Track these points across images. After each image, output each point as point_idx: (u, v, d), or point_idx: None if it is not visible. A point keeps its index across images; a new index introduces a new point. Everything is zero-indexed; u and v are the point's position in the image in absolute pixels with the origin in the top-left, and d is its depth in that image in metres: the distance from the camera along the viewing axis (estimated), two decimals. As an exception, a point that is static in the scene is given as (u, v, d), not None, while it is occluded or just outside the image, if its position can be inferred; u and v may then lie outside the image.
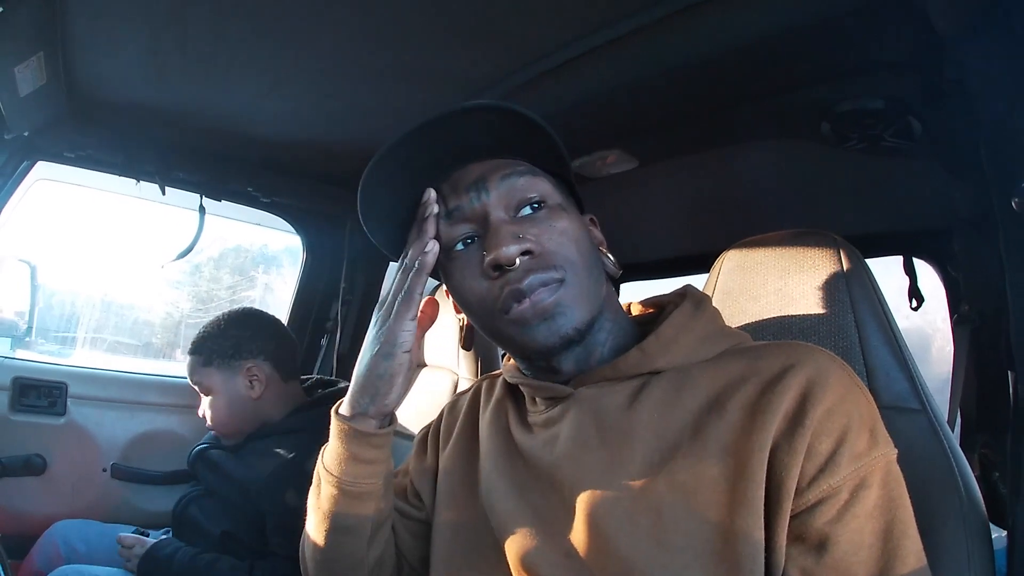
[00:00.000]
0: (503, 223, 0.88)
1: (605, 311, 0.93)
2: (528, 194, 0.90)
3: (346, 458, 0.94)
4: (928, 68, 1.21)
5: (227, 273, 4.93)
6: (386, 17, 1.32)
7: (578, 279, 0.87)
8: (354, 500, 0.95)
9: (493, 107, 0.87)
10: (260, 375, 1.96)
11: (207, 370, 1.95)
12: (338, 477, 0.94)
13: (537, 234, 0.87)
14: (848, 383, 0.80)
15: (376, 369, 0.90)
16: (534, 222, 0.89)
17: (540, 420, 0.96)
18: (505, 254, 0.84)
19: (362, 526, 0.97)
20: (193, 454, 2.04)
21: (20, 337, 2.76)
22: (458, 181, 0.92)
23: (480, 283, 0.89)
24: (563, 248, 0.87)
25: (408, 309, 0.90)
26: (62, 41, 1.44)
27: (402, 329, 0.89)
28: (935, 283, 1.88)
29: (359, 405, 0.93)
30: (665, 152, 1.68)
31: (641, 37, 1.29)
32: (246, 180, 2.26)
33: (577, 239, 0.89)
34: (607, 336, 0.94)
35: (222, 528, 1.80)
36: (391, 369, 0.90)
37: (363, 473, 0.94)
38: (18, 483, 2.09)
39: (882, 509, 0.74)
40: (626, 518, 0.79)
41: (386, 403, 0.92)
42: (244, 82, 1.66)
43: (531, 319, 0.85)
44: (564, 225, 0.89)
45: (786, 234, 1.24)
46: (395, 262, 0.99)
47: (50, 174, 2.10)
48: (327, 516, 0.96)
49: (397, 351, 0.89)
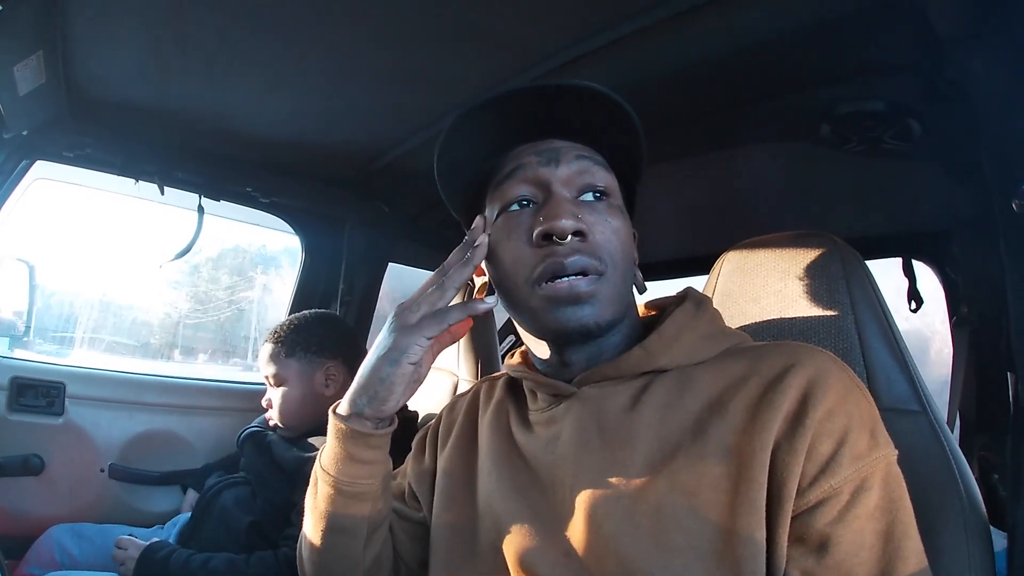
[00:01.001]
0: (566, 200, 0.88)
1: (626, 318, 0.94)
2: (595, 182, 0.90)
3: (343, 458, 0.93)
4: (928, 70, 1.21)
5: (226, 273, 4.92)
6: (386, 19, 1.32)
7: (616, 279, 0.87)
8: (350, 500, 0.95)
9: (595, 90, 0.86)
10: (337, 376, 1.98)
11: (288, 361, 1.95)
12: (335, 477, 0.94)
13: (592, 222, 0.87)
14: (849, 384, 0.80)
15: (379, 372, 0.89)
16: (592, 210, 0.88)
17: (542, 418, 0.96)
18: (561, 226, 0.84)
19: (358, 526, 0.97)
20: (244, 434, 2.04)
21: (18, 337, 2.76)
22: (534, 146, 0.92)
23: (523, 248, 0.88)
24: (611, 245, 0.87)
25: (430, 328, 0.88)
26: (62, 40, 1.44)
27: (415, 343, 0.88)
28: (935, 285, 1.88)
29: (356, 405, 0.92)
30: (665, 154, 1.68)
31: (641, 40, 1.30)
32: (245, 180, 2.25)
33: (624, 242, 0.90)
34: (620, 339, 0.94)
35: (251, 518, 1.80)
36: (393, 376, 0.89)
37: (360, 473, 0.94)
38: (16, 483, 2.08)
39: (883, 510, 0.74)
40: (627, 518, 0.79)
41: (383, 407, 0.91)
42: (244, 82, 1.66)
43: (563, 299, 0.85)
44: (618, 224, 0.89)
45: (786, 236, 1.24)
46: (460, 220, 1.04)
47: (49, 173, 2.09)
48: (323, 516, 0.97)
49: (403, 360, 0.88)
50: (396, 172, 2.15)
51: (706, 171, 1.82)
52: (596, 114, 0.88)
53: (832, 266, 1.16)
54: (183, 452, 2.41)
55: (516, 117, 0.91)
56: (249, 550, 1.71)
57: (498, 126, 0.92)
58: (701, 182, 1.91)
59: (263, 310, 4.89)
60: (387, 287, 2.79)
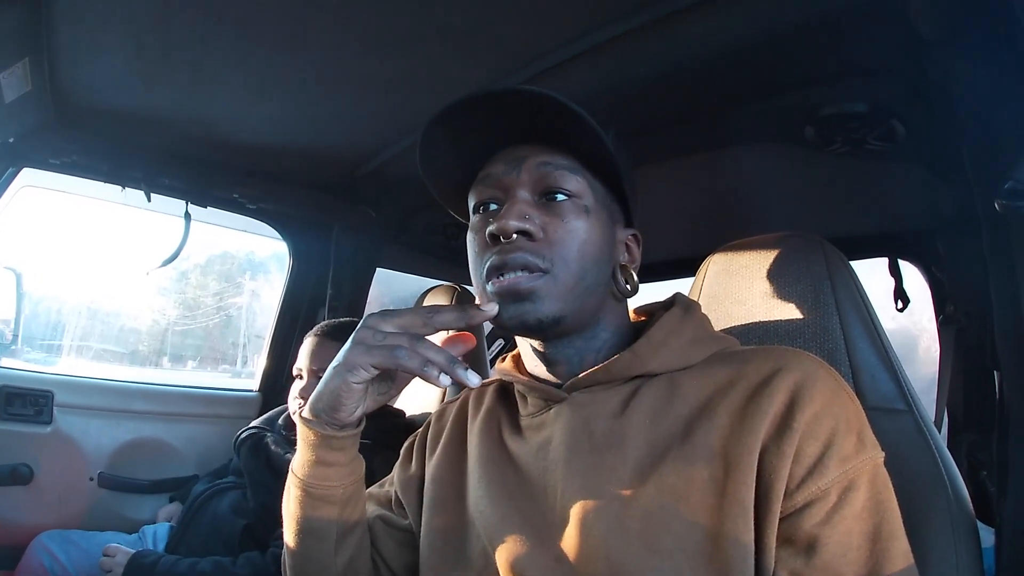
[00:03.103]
0: (521, 201, 0.89)
1: (601, 322, 0.94)
2: (558, 184, 0.90)
3: (309, 460, 0.93)
4: (910, 72, 1.22)
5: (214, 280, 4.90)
6: (374, 23, 1.32)
7: (566, 278, 0.87)
8: (317, 502, 0.95)
9: (544, 96, 0.86)
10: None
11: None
12: (301, 479, 0.94)
13: (547, 222, 0.88)
14: (835, 387, 0.80)
15: (330, 383, 0.88)
16: (550, 211, 0.89)
17: (532, 423, 0.96)
18: (501, 226, 0.86)
19: (327, 529, 0.97)
20: (242, 436, 2.03)
21: (6, 345, 2.74)
22: (504, 154, 0.94)
23: (480, 247, 0.91)
24: (563, 245, 0.87)
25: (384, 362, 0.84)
26: (47, 48, 1.44)
27: (362, 365, 0.84)
28: (921, 284, 1.89)
29: (315, 409, 0.91)
30: (650, 156, 1.69)
31: (625, 43, 1.30)
32: (232, 186, 2.25)
33: (585, 242, 0.89)
34: (602, 345, 0.95)
35: (245, 522, 1.80)
36: (339, 390, 0.86)
37: (326, 475, 0.94)
38: (4, 492, 2.07)
39: (870, 511, 0.74)
40: (616, 522, 0.80)
41: (336, 416, 0.89)
42: (230, 89, 1.66)
43: (505, 295, 0.86)
44: (577, 225, 0.89)
45: (771, 237, 1.25)
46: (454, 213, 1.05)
47: (36, 181, 2.09)
48: (294, 518, 0.97)
49: (348, 378, 0.85)
50: (382, 177, 2.15)
51: (691, 173, 1.83)
52: (557, 119, 0.88)
53: (817, 267, 1.17)
54: (172, 460, 2.41)
55: (482, 127, 0.92)
56: (241, 554, 1.71)
57: (471, 134, 0.93)
58: (687, 184, 1.91)
59: (252, 316, 4.88)
60: (375, 292, 2.79)
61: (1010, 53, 0.91)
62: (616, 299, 0.97)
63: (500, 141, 0.95)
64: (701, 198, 2.00)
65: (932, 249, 1.75)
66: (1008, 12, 0.89)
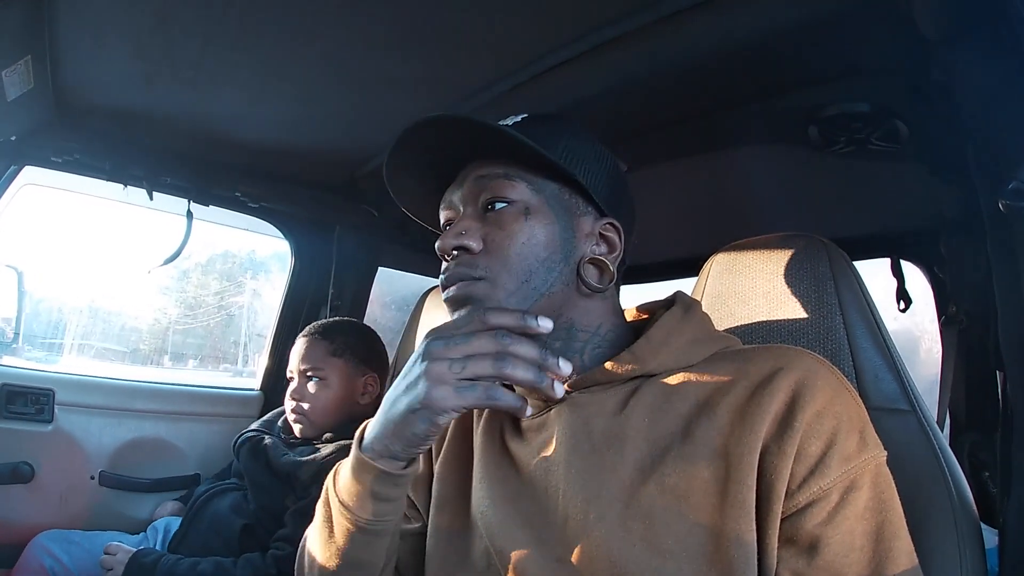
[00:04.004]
0: (465, 217, 0.95)
1: (575, 322, 0.95)
2: (495, 194, 0.93)
3: (366, 495, 0.87)
4: (913, 71, 1.21)
5: (215, 279, 4.89)
6: (374, 24, 1.32)
7: (505, 281, 0.89)
8: (371, 537, 0.90)
9: (448, 119, 0.90)
10: (374, 388, 2.02)
11: (334, 360, 1.97)
12: (355, 514, 0.88)
13: (487, 232, 0.92)
14: (837, 386, 0.80)
15: (412, 425, 0.81)
16: (491, 221, 0.92)
17: (533, 424, 0.96)
18: (440, 246, 0.94)
19: (376, 560, 0.93)
20: (241, 438, 2.03)
21: (7, 343, 2.75)
22: (460, 174, 0.99)
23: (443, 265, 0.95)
24: (502, 252, 0.90)
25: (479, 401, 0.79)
26: (49, 46, 1.44)
27: (454, 409, 0.79)
28: (924, 285, 1.89)
29: (388, 449, 0.85)
30: (653, 156, 1.69)
31: (628, 42, 1.30)
32: (234, 185, 2.24)
33: (525, 245, 0.90)
34: (583, 345, 0.95)
35: (244, 521, 1.80)
36: (426, 432, 0.81)
37: (384, 511, 0.89)
38: (5, 491, 2.06)
39: (872, 511, 0.74)
40: (618, 523, 0.80)
41: (417, 451, 0.86)
42: (231, 87, 1.66)
43: (450, 305, 0.93)
44: (515, 228, 0.90)
45: (774, 237, 1.25)
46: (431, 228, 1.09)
47: (37, 179, 2.09)
48: (340, 552, 0.91)
49: (439, 421, 0.80)
50: (383, 177, 2.14)
51: (694, 174, 1.83)
52: (489, 135, 0.90)
53: (820, 267, 1.16)
54: (174, 459, 2.40)
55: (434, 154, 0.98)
56: (241, 554, 1.71)
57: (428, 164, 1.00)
58: (689, 185, 1.91)
59: (253, 315, 4.87)
60: (377, 292, 2.78)
61: (1014, 52, 0.91)
62: (585, 295, 0.95)
63: (456, 162, 0.99)
64: (703, 198, 2.00)
65: (935, 250, 1.74)
66: (1012, 11, 0.88)
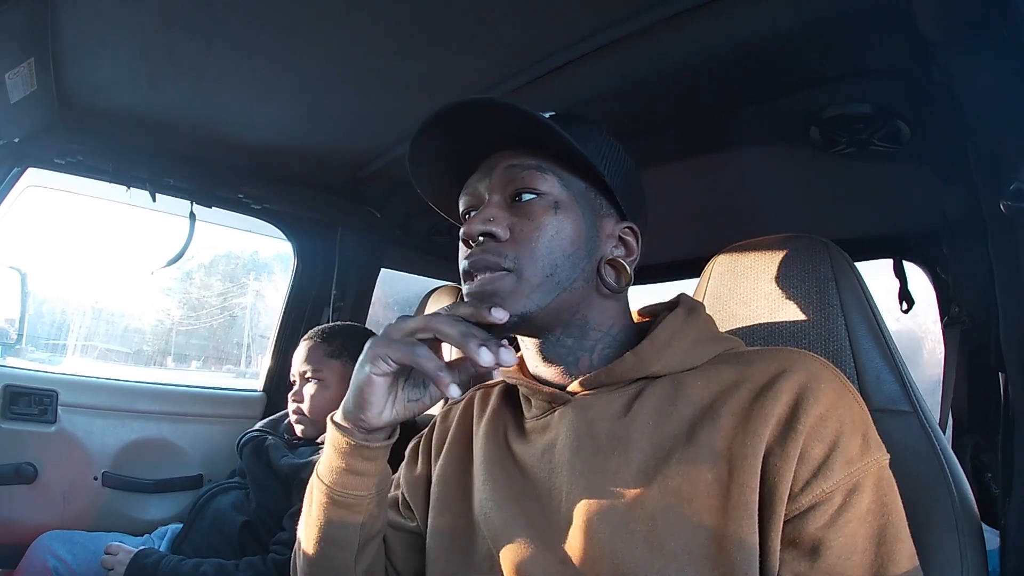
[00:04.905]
0: (491, 205, 0.92)
1: (589, 320, 0.94)
2: (525, 185, 0.91)
3: (338, 467, 0.92)
4: (915, 72, 1.21)
5: (218, 280, 4.91)
6: (377, 25, 1.33)
7: (531, 274, 0.88)
8: (343, 510, 0.93)
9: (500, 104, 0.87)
10: None
11: (332, 361, 1.98)
12: (329, 486, 0.93)
13: (513, 223, 0.90)
14: (840, 388, 0.80)
15: (355, 379, 0.87)
16: (519, 211, 0.91)
17: (537, 425, 0.96)
18: (467, 230, 0.90)
19: (350, 537, 0.95)
20: (244, 439, 2.04)
21: (10, 344, 2.75)
22: (483, 163, 0.97)
23: (463, 251, 0.94)
24: (530, 243, 0.88)
25: (404, 356, 0.82)
26: (52, 48, 1.44)
27: (382, 357, 0.84)
28: (927, 286, 1.89)
29: (345, 409, 0.90)
30: (655, 157, 1.69)
31: (629, 44, 1.30)
32: (236, 187, 2.25)
33: (553, 238, 0.89)
34: (595, 344, 0.94)
35: (244, 518, 1.81)
36: (363, 383, 0.86)
37: (354, 484, 0.92)
38: (8, 491, 2.07)
39: (875, 514, 0.74)
40: (621, 525, 0.80)
41: (363, 416, 0.88)
42: (234, 89, 1.66)
43: (474, 296, 0.89)
44: (544, 221, 0.89)
45: (776, 238, 1.25)
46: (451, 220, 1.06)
47: (41, 181, 2.09)
48: (317, 524, 0.95)
49: (371, 371, 0.85)
50: (385, 178, 2.16)
51: (696, 175, 1.83)
52: (522, 124, 0.89)
53: (822, 268, 1.16)
54: (176, 459, 2.41)
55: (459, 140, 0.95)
56: (242, 552, 1.71)
57: (452, 148, 0.96)
58: (691, 185, 1.91)
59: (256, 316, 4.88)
60: (379, 292, 2.79)
61: (1015, 54, 0.91)
62: (603, 295, 0.95)
63: (480, 151, 0.96)
64: (705, 199, 2.00)
65: (937, 251, 1.74)
66: (1014, 12, 0.88)
